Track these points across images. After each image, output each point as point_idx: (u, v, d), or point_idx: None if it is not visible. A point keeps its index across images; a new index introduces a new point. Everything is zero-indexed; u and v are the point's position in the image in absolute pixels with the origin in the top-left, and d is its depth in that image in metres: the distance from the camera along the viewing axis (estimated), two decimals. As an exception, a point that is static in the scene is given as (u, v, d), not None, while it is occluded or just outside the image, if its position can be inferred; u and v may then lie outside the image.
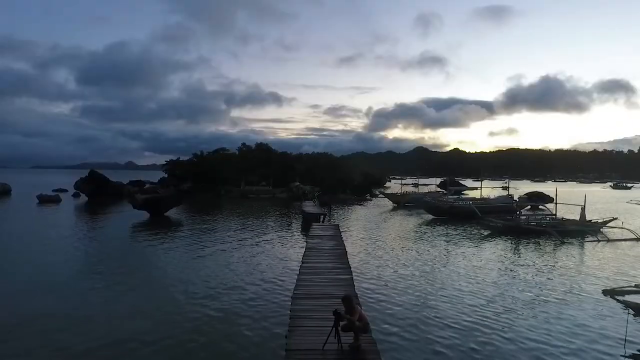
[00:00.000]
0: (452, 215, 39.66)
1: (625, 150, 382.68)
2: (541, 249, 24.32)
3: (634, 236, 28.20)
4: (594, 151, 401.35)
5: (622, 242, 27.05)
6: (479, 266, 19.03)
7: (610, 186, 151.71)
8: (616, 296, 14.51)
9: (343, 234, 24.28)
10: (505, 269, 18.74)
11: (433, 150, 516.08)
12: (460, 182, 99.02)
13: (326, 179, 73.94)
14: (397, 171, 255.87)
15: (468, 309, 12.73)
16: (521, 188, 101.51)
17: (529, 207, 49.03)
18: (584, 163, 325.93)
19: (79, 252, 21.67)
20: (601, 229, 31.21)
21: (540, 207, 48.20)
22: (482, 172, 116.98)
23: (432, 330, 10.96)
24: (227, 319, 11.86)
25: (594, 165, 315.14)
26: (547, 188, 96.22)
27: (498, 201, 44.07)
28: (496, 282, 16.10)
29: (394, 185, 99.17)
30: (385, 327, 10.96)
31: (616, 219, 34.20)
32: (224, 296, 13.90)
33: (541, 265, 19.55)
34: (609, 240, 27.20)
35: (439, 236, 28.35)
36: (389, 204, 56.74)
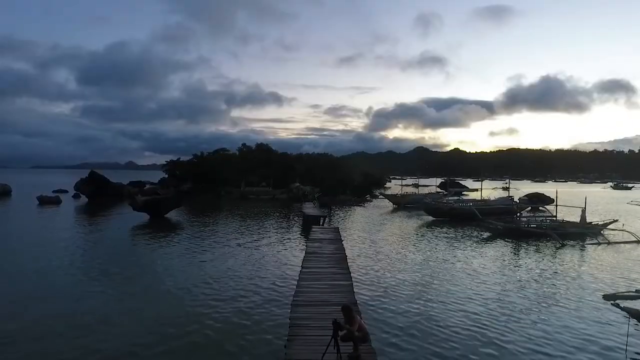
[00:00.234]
0: (453, 217, 39.62)
1: (626, 150, 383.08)
2: (541, 252, 24.26)
3: (634, 239, 28.16)
4: (595, 151, 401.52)
5: (623, 244, 27.01)
6: (479, 271, 18.98)
7: (611, 186, 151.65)
8: (617, 301, 14.47)
9: (343, 237, 24.22)
10: (505, 273, 18.69)
11: (433, 150, 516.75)
12: (461, 182, 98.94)
13: (326, 179, 73.85)
14: (397, 171, 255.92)
15: (467, 317, 12.65)
16: (521, 188, 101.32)
17: (529, 208, 49.00)
18: (584, 163, 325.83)
19: (78, 255, 21.60)
20: (601, 231, 31.20)
21: (541, 208, 48.26)
22: (483, 172, 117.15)
23: (431, 340, 10.89)
24: (225, 327, 11.77)
25: (594, 165, 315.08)
26: (548, 188, 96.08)
27: (498, 203, 44.05)
28: (496, 288, 16.03)
29: (394, 186, 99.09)
30: (384, 337, 10.89)
31: (616, 220, 34.15)
32: (222, 303, 13.78)
33: (541, 270, 19.50)
34: (609, 243, 27.15)
35: (439, 239, 28.29)
36: (389, 205, 56.72)
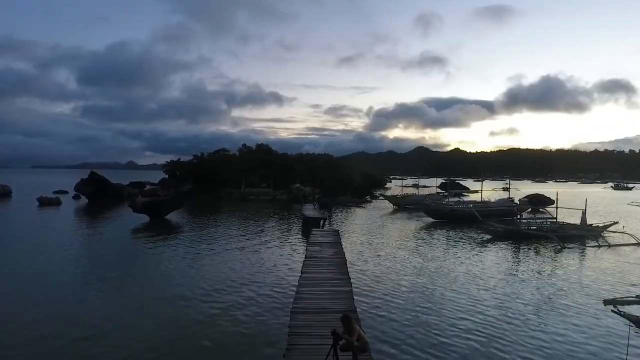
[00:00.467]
0: (453, 218, 39.56)
1: (627, 150, 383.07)
2: (541, 255, 24.20)
3: (634, 241, 28.13)
4: (595, 151, 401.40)
5: (623, 247, 26.98)
6: (479, 276, 18.91)
7: (611, 187, 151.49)
8: (617, 306, 14.45)
9: (343, 240, 24.20)
10: (505, 278, 18.60)
11: (434, 150, 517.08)
12: (461, 183, 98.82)
13: (326, 180, 73.83)
14: (397, 171, 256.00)
15: (467, 325, 12.55)
16: (522, 189, 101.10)
17: (529, 210, 48.96)
18: (584, 163, 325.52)
19: (77, 258, 21.65)
20: (602, 233, 31.17)
21: (541, 210, 48.20)
22: (483, 172, 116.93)
23: (430, 350, 10.78)
24: (223, 335, 11.68)
25: (594, 166, 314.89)
26: (548, 189, 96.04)
27: (498, 204, 43.97)
28: (496, 294, 15.90)
29: (395, 186, 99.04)
30: (384, 347, 10.76)
31: (617, 222, 34.17)
32: (221, 311, 13.64)
33: (541, 274, 19.45)
34: (609, 246, 27.11)
35: (439, 242, 28.21)
36: (389, 206, 56.69)
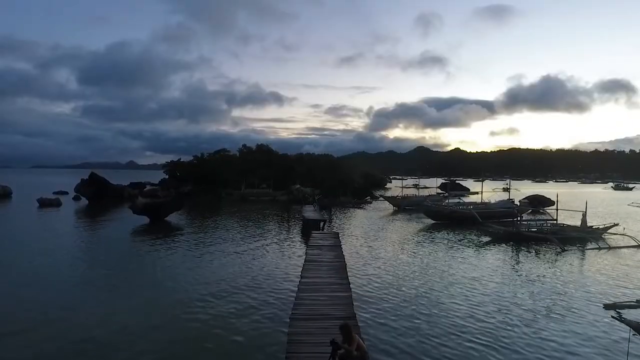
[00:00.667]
0: (453, 220, 39.52)
1: (627, 150, 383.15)
2: (542, 258, 24.14)
3: (634, 243, 28.09)
4: (596, 151, 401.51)
5: (623, 249, 26.94)
6: (478, 280, 18.86)
7: (612, 187, 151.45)
8: (618, 310, 14.44)
9: (343, 242, 24.14)
10: (504, 282, 18.52)
11: (434, 150, 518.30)
12: (462, 183, 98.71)
13: (326, 180, 73.84)
14: (398, 171, 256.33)
15: (466, 331, 12.47)
16: (522, 189, 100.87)
17: (529, 211, 48.92)
18: (585, 163, 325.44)
19: (77, 261, 21.69)
20: (602, 235, 31.15)
21: (541, 210, 48.20)
22: (483, 172, 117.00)
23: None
24: (221, 342, 11.60)
25: (595, 165, 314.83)
26: (548, 189, 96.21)
27: (499, 206, 43.90)
28: (495, 299, 15.83)
29: (395, 186, 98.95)
30: (383, 358, 10.63)
31: (617, 224, 34.13)
32: (219, 315, 13.55)
33: (541, 278, 19.38)
34: (610, 248, 27.09)
35: (439, 245, 28.08)
36: (389, 207, 56.64)
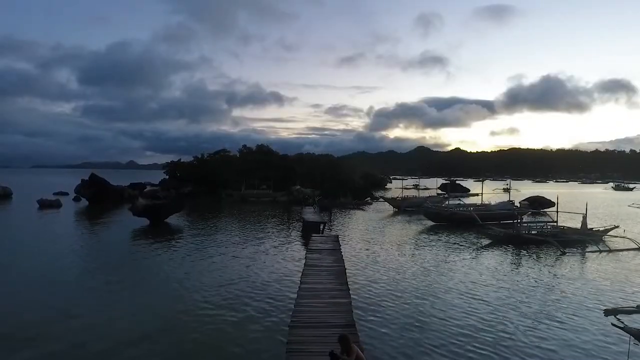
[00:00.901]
0: (453, 222, 39.49)
1: (627, 150, 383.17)
2: (541, 262, 24.06)
3: (635, 246, 28.06)
4: (596, 151, 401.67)
5: (624, 252, 26.91)
6: (478, 283, 18.85)
7: (612, 187, 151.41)
8: (618, 316, 14.41)
9: (342, 245, 24.06)
10: (504, 287, 18.45)
11: (434, 149, 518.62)
12: (462, 184, 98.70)
13: (326, 180, 73.82)
14: (398, 171, 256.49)
15: (465, 339, 12.42)
16: (522, 190, 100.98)
17: (529, 212, 48.84)
18: (585, 163, 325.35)
19: (76, 263, 21.76)
20: (602, 238, 31.11)
21: (542, 211, 48.10)
22: (483, 172, 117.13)
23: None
24: (220, 354, 11.48)
25: (595, 165, 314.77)
26: (549, 189, 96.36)
27: (499, 207, 43.87)
28: (495, 305, 15.74)
29: (396, 186, 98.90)
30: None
31: (617, 227, 34.07)
32: (217, 324, 13.40)
33: (541, 282, 19.34)
34: (610, 251, 27.05)
35: (439, 248, 27.98)
36: (389, 208, 56.61)
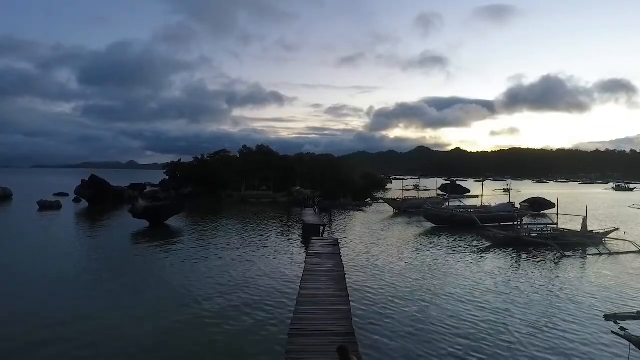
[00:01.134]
0: (453, 223, 39.46)
1: (628, 150, 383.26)
2: (541, 265, 24.02)
3: (635, 249, 28.06)
4: (596, 151, 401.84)
5: (624, 255, 26.90)
6: (478, 287, 18.85)
7: (612, 187, 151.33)
8: (619, 322, 14.38)
9: (342, 249, 23.99)
10: (503, 291, 18.39)
11: (434, 149, 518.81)
12: (462, 184, 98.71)
13: (326, 181, 73.78)
14: (398, 171, 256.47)
15: (465, 347, 12.39)
16: (522, 190, 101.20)
17: (530, 214, 48.88)
18: (585, 163, 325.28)
19: (76, 265, 21.82)
20: (603, 240, 31.08)
21: (542, 213, 48.15)
22: (484, 172, 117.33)
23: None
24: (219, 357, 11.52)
25: (595, 165, 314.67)
26: (549, 190, 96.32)
27: (499, 209, 43.88)
28: (494, 310, 15.70)
29: (396, 186, 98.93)
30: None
31: (618, 229, 34.04)
32: (217, 329, 13.41)
33: (541, 287, 19.30)
34: (610, 254, 27.02)
35: (439, 251, 27.87)
36: (389, 209, 56.56)
